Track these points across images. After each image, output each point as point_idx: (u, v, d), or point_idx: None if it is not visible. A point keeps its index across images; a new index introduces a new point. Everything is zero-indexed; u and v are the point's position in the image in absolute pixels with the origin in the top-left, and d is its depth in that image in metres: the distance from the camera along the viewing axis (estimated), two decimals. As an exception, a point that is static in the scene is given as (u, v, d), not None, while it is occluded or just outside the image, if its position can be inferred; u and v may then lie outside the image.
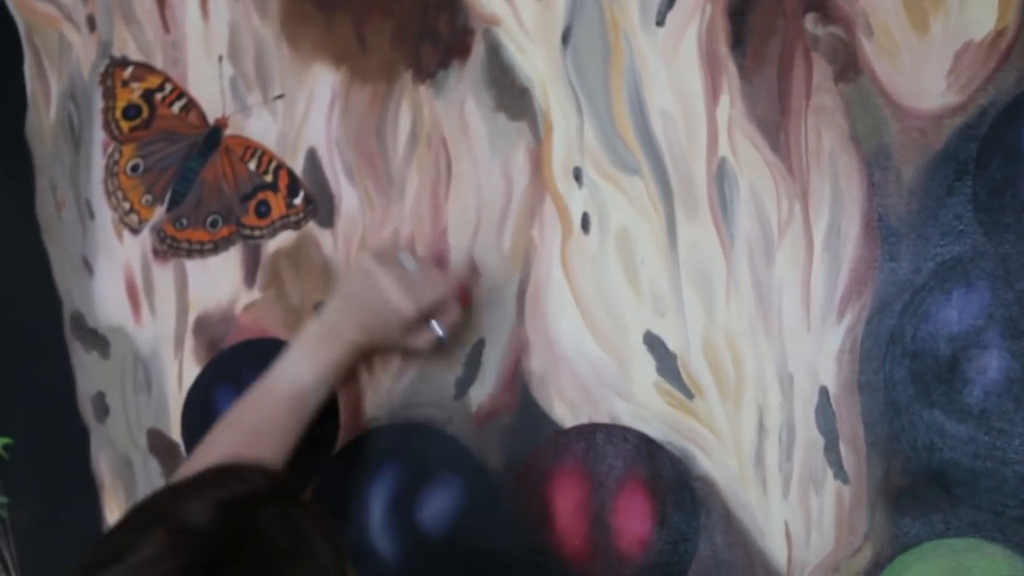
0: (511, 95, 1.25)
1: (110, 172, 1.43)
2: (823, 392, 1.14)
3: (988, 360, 1.08)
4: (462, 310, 1.25)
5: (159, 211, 1.40)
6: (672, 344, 1.20)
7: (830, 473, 1.14)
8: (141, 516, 0.92)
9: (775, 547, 1.16)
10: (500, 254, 1.26)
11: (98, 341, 1.44)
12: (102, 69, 1.43)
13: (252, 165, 1.36)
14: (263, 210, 1.36)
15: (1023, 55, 1.07)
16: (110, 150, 1.43)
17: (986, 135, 1.08)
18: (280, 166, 1.35)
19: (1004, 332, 1.07)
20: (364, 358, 1.29)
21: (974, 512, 1.09)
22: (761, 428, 1.16)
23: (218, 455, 1.15)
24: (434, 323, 1.23)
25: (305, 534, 0.91)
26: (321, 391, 1.23)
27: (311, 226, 1.34)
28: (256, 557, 0.87)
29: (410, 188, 1.30)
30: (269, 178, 1.35)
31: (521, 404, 1.25)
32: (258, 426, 1.21)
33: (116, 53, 1.42)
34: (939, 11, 1.10)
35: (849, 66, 1.13)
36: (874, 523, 1.13)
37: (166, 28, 1.40)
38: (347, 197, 1.32)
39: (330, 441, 1.33)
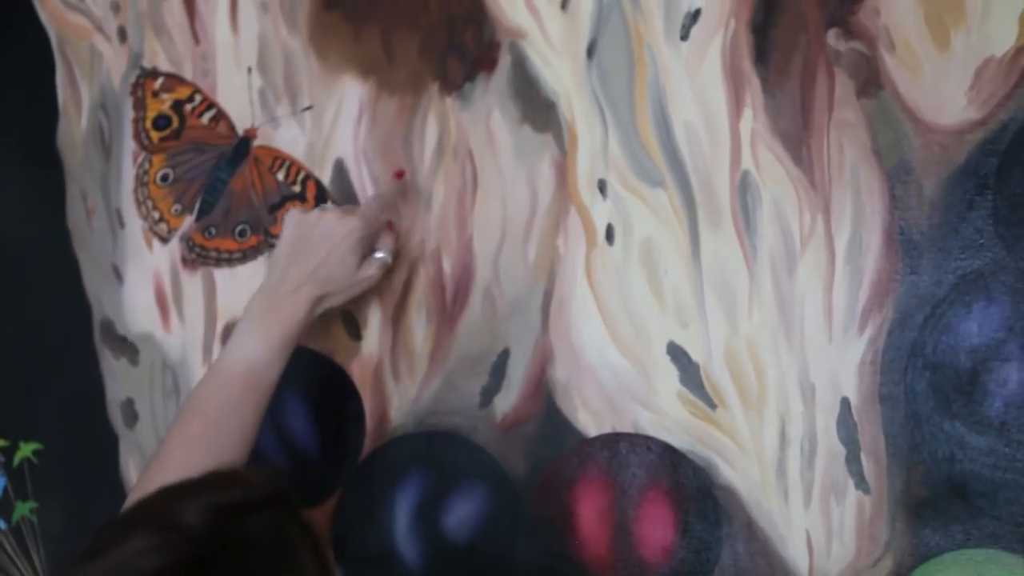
0: (537, 107, 1.27)
1: (140, 181, 1.44)
2: (845, 403, 1.15)
3: (1008, 373, 1.09)
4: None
5: (188, 220, 1.42)
6: (695, 354, 1.21)
7: (851, 483, 1.15)
8: (134, 514, 0.92)
9: (796, 556, 1.17)
10: (525, 264, 1.27)
11: (127, 348, 1.45)
12: (132, 80, 1.45)
13: (280, 175, 1.38)
14: (291, 220, 1.37)
15: (1044, 71, 1.08)
16: (140, 160, 1.44)
17: (1006, 150, 1.09)
18: (308, 176, 1.37)
19: (1024, 345, 1.09)
20: (320, 313, 1.26)
21: (994, 523, 1.10)
22: (783, 438, 1.17)
23: (184, 442, 1.16)
24: (377, 252, 1.27)
25: (292, 546, 0.91)
26: (276, 364, 1.21)
27: (338, 236, 1.35)
28: (239, 563, 0.88)
29: (436, 199, 1.31)
30: (297, 188, 1.37)
31: (545, 413, 1.27)
32: (218, 409, 1.19)
33: (147, 64, 1.44)
34: (960, 27, 1.11)
35: (871, 81, 1.14)
36: (895, 533, 1.14)
37: (196, 40, 1.42)
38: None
39: (356, 449, 1.34)
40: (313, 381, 1.36)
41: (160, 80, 1.43)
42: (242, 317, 1.24)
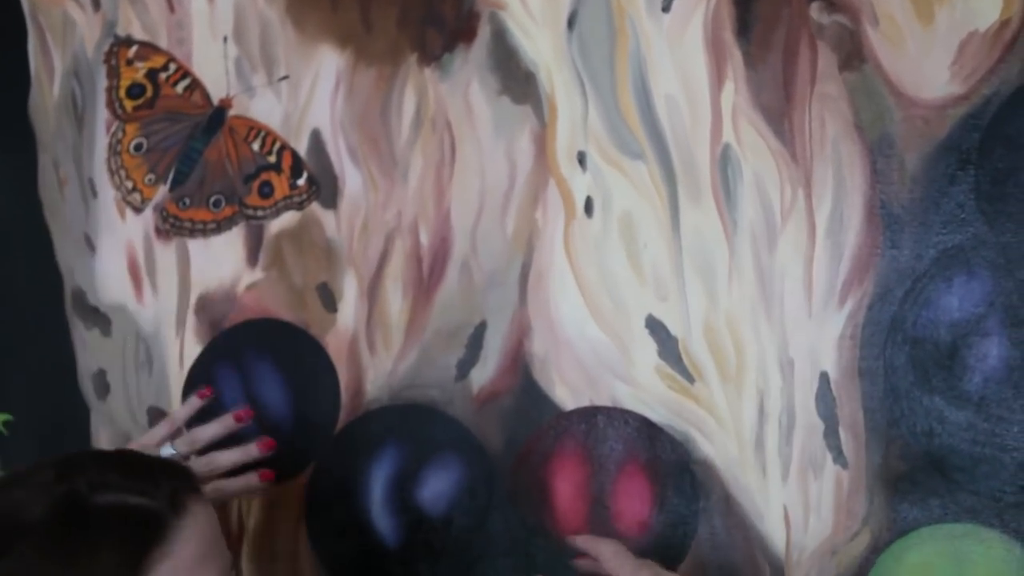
0: (516, 79, 1.26)
1: (113, 151, 1.43)
2: (824, 377, 1.15)
3: (988, 348, 1.09)
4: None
5: (162, 190, 1.40)
6: (674, 328, 1.20)
7: (829, 458, 1.15)
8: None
9: (774, 531, 1.17)
10: (503, 237, 1.26)
11: (99, 319, 1.44)
12: (106, 48, 1.43)
13: (256, 146, 1.36)
14: (266, 191, 1.36)
15: (1027, 46, 1.08)
16: (113, 129, 1.43)
17: (989, 125, 1.09)
18: (284, 147, 1.35)
19: (1004, 320, 1.08)
20: None
21: (972, 498, 1.10)
22: (761, 412, 1.17)
23: None
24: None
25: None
26: None
27: (314, 207, 1.34)
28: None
29: (414, 171, 1.30)
30: (273, 159, 1.36)
31: (522, 386, 1.26)
32: None
33: (120, 32, 1.42)
34: (944, 1, 1.10)
35: (854, 55, 1.13)
36: (872, 508, 1.14)
37: (171, 8, 1.40)
38: (350, 179, 1.33)
39: (331, 421, 1.33)
40: (288, 353, 1.35)
41: (134, 48, 1.42)
42: None
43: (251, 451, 1.26)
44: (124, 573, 0.91)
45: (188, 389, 1.40)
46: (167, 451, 1.26)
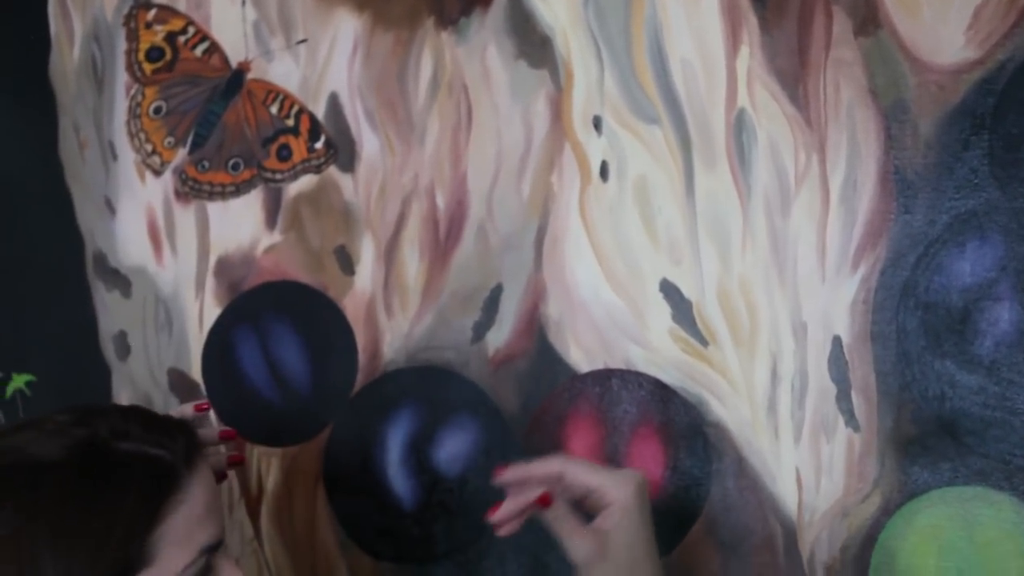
0: (532, 43, 1.26)
1: (133, 114, 1.44)
2: (836, 341, 1.16)
3: (999, 312, 1.09)
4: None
5: (181, 153, 1.41)
6: (688, 292, 1.21)
7: (841, 421, 1.16)
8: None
9: (786, 492, 1.18)
10: (519, 201, 1.27)
11: (120, 281, 1.45)
12: (125, 11, 1.44)
13: (274, 109, 1.37)
14: (284, 154, 1.37)
15: (1043, 11, 1.08)
16: (133, 92, 1.44)
17: (1003, 90, 1.09)
18: (302, 110, 1.36)
19: (1016, 285, 1.09)
20: None
21: (982, 461, 1.11)
22: (774, 376, 1.18)
23: None
24: None
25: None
26: None
27: (332, 170, 1.35)
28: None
29: (431, 134, 1.31)
30: (291, 122, 1.37)
31: (537, 349, 1.27)
32: None
33: (140, -5, 1.43)
34: (960, -35, 1.10)
35: (869, 20, 1.13)
36: (883, 470, 1.14)
37: (189, -29, 1.41)
38: (368, 142, 1.33)
39: (348, 383, 1.35)
40: (306, 315, 1.36)
41: (153, 12, 1.42)
42: None
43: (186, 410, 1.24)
44: (143, 518, 0.93)
45: (207, 351, 1.42)
46: None
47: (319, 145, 1.35)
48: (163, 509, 0.94)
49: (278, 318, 1.37)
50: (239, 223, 1.39)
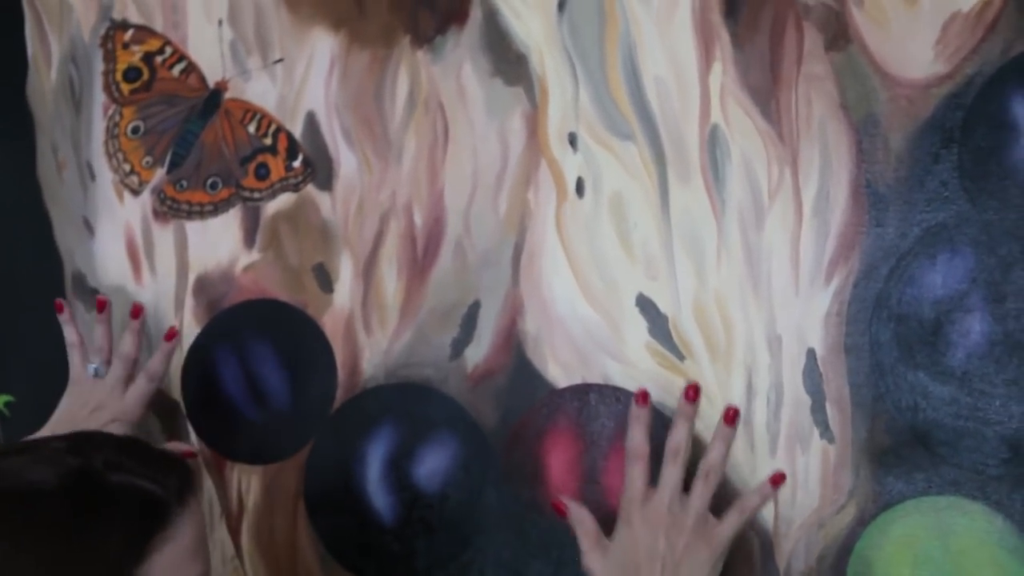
0: (508, 61, 1.27)
1: (111, 134, 1.44)
2: (810, 354, 1.17)
3: (971, 323, 1.11)
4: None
5: (159, 173, 1.42)
6: (663, 306, 1.22)
7: (816, 433, 1.16)
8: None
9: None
10: (496, 217, 1.28)
11: (99, 301, 1.46)
12: (103, 32, 1.44)
13: (252, 128, 1.38)
14: (262, 172, 1.38)
15: (1009, 26, 1.09)
16: (111, 112, 1.44)
17: (972, 104, 1.10)
18: (279, 129, 1.37)
19: (987, 296, 1.10)
20: None
21: (955, 471, 1.12)
22: (750, 389, 1.19)
23: None
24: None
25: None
26: None
27: (310, 189, 1.36)
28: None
29: (408, 152, 1.31)
30: (268, 141, 1.37)
31: (515, 364, 1.28)
32: None
33: (116, 16, 1.44)
34: (928, -18, 1.12)
35: (840, 35, 1.15)
36: (858, 481, 1.15)
37: (166, -8, 1.42)
38: (345, 160, 1.34)
39: (328, 400, 1.35)
40: (285, 333, 1.37)
41: (130, 32, 1.43)
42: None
43: (165, 348, 1.37)
44: (129, 552, 0.92)
45: (187, 370, 1.42)
46: (91, 368, 1.36)
47: (297, 164, 1.36)
48: (151, 544, 0.93)
49: (258, 336, 1.37)
50: (218, 242, 1.40)
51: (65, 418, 1.33)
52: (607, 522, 1.17)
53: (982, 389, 1.10)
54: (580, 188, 1.24)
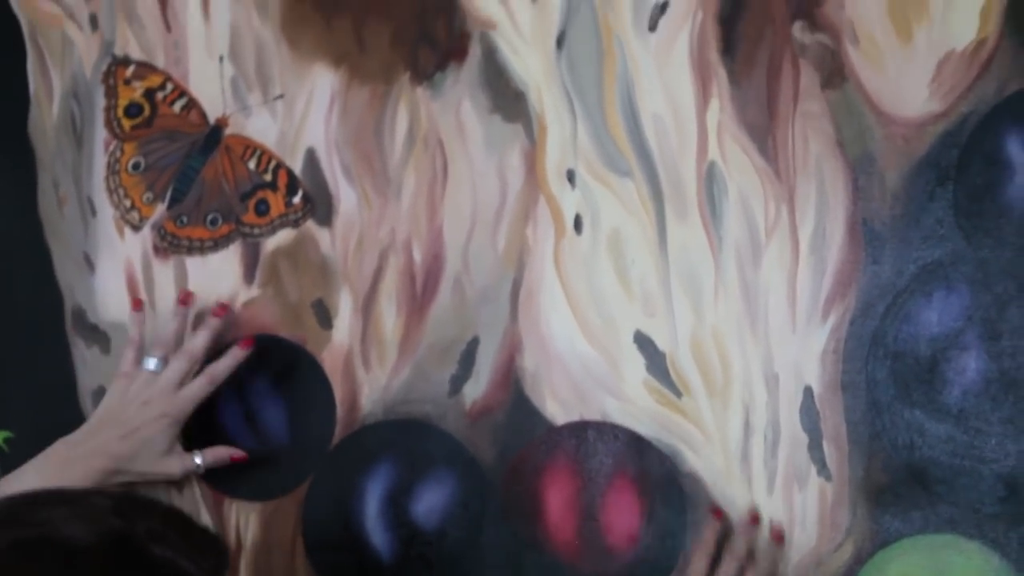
0: (506, 97, 1.28)
1: (112, 170, 1.44)
2: (807, 391, 1.17)
3: (967, 361, 1.11)
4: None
5: (160, 209, 1.42)
6: (661, 343, 1.22)
7: (813, 470, 1.16)
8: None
9: (760, 542, 1.19)
10: (494, 253, 1.28)
11: (99, 337, 1.46)
12: (104, 68, 1.45)
13: (252, 164, 1.38)
14: (262, 208, 1.38)
15: (1003, 65, 1.10)
16: (112, 148, 1.45)
17: (967, 142, 1.11)
18: (279, 165, 1.37)
19: (982, 334, 1.10)
20: (110, 483, 1.29)
21: (952, 509, 1.11)
22: (747, 426, 1.19)
23: None
24: (196, 456, 1.31)
25: None
26: None
27: (309, 225, 1.36)
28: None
29: (407, 188, 1.32)
30: (268, 177, 1.38)
31: (514, 401, 1.28)
32: None
33: (118, 52, 1.44)
34: (923, 21, 1.12)
35: (835, 73, 1.15)
36: (855, 519, 1.15)
37: (168, 28, 1.42)
38: (345, 196, 1.34)
39: (327, 437, 1.35)
40: (284, 369, 1.37)
41: (132, 68, 1.44)
42: (38, 457, 1.27)
43: (237, 355, 1.34)
44: None
45: (187, 404, 1.42)
46: (151, 363, 1.32)
47: (297, 200, 1.36)
48: None
49: (257, 372, 1.37)
50: (218, 278, 1.40)
51: (110, 414, 1.31)
52: (606, 560, 1.17)
53: (978, 427, 1.10)
54: (578, 224, 1.25)
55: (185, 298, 1.37)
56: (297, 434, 1.36)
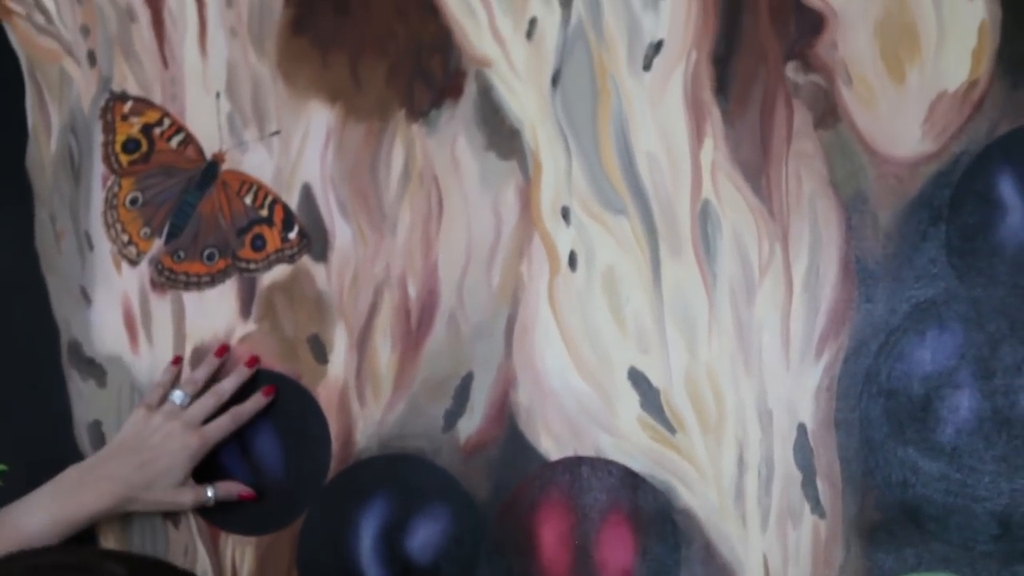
0: (502, 134, 1.28)
1: (109, 205, 1.45)
2: (801, 428, 1.17)
3: (960, 400, 1.11)
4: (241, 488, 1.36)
5: (157, 244, 1.43)
6: (655, 380, 1.23)
7: (807, 507, 1.17)
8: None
9: (752, 585, 1.19)
10: (489, 290, 1.29)
11: (95, 370, 1.46)
12: (102, 103, 1.46)
13: (248, 199, 1.39)
14: (258, 244, 1.39)
15: (995, 105, 1.11)
16: (109, 183, 1.45)
17: (959, 182, 1.12)
18: (275, 201, 1.38)
19: (975, 372, 1.11)
20: (122, 510, 1.32)
21: (945, 547, 1.12)
22: (741, 463, 1.19)
23: None
24: (208, 489, 1.33)
25: None
26: (49, 541, 1.23)
27: (305, 260, 1.36)
28: None
29: (402, 224, 1.32)
30: (265, 212, 1.38)
31: (508, 436, 1.28)
32: None
33: (116, 88, 1.45)
34: (915, 62, 1.13)
35: (829, 113, 1.16)
36: (849, 557, 1.15)
37: (165, 64, 1.43)
38: (340, 232, 1.35)
39: (322, 471, 1.35)
40: (280, 403, 1.37)
41: (129, 104, 1.44)
42: (51, 481, 1.29)
43: (244, 372, 1.37)
44: None
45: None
46: (178, 395, 1.35)
47: (292, 235, 1.37)
48: None
49: (252, 406, 1.38)
50: (214, 313, 1.40)
51: (129, 442, 1.32)
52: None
53: (971, 465, 1.11)
54: (573, 261, 1.26)
55: (220, 351, 1.38)
56: (292, 468, 1.37)
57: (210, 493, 1.34)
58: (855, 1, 1.16)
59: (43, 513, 1.24)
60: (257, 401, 1.36)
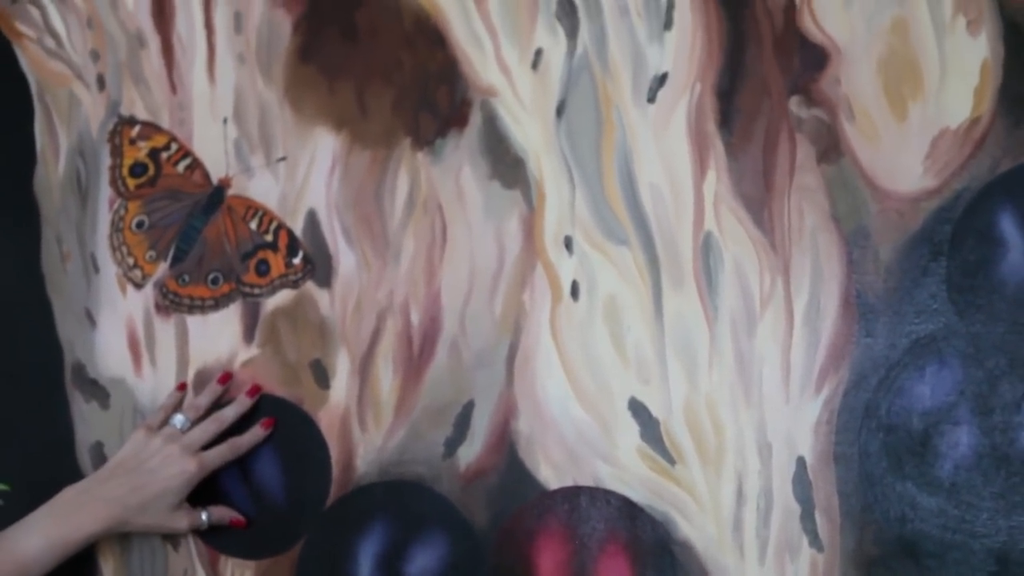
0: (506, 164, 1.29)
1: (115, 227, 1.46)
2: (800, 462, 1.17)
3: (959, 435, 1.12)
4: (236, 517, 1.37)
5: (162, 267, 1.43)
6: (655, 410, 1.23)
7: (805, 541, 1.17)
8: None
9: (750, 613, 1.19)
10: (491, 318, 1.29)
11: (98, 392, 1.46)
12: (110, 127, 1.46)
13: (253, 225, 1.40)
14: (263, 269, 1.39)
15: (996, 143, 1.12)
16: (116, 206, 1.46)
17: (960, 218, 1.12)
18: (280, 226, 1.38)
19: (974, 409, 1.11)
20: (118, 531, 1.32)
21: (943, 583, 1.12)
22: (740, 495, 1.19)
23: None
24: (203, 512, 1.34)
25: None
26: (45, 564, 1.25)
27: (309, 286, 1.37)
28: None
29: (406, 251, 1.33)
30: (269, 238, 1.39)
31: (508, 465, 1.28)
32: None
33: (124, 112, 1.46)
34: (918, 99, 1.14)
35: (831, 148, 1.17)
36: (846, 591, 1.16)
37: (173, 89, 1.44)
38: (344, 258, 1.36)
39: (322, 496, 1.35)
40: (281, 428, 1.38)
41: (137, 128, 1.45)
42: (48, 502, 1.30)
43: (245, 402, 1.38)
44: None
45: (183, 462, 1.42)
46: (179, 419, 1.35)
47: (297, 261, 1.38)
48: None
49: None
50: (218, 336, 1.41)
51: (127, 464, 1.33)
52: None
53: (970, 501, 1.11)
54: (575, 291, 1.26)
55: (224, 379, 1.39)
56: (293, 493, 1.37)
57: (204, 517, 1.34)
58: (859, 37, 1.17)
59: (40, 536, 1.25)
60: (256, 434, 1.37)
